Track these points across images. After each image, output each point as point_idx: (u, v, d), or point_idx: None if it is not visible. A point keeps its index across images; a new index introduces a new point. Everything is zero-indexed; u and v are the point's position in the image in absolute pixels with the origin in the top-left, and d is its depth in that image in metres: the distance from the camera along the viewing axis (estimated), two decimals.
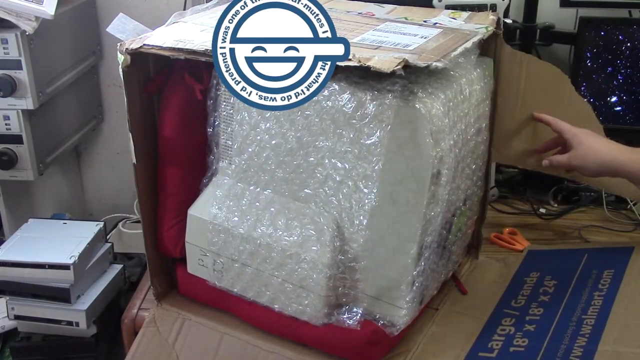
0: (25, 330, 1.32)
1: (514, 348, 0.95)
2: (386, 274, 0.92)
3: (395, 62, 0.78)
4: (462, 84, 0.93)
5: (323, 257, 0.92)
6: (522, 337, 0.96)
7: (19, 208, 1.52)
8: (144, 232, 1.06)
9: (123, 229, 1.68)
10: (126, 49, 0.91)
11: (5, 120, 1.35)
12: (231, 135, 0.98)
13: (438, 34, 0.96)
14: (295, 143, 0.92)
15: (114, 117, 1.76)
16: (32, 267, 1.24)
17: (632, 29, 1.40)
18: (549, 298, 1.04)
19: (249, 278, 1.00)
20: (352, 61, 0.80)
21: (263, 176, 0.97)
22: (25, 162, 1.38)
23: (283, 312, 0.99)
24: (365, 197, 0.89)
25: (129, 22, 1.05)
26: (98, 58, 1.68)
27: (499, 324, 1.01)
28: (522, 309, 1.03)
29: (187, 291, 1.10)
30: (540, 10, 1.50)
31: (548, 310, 1.01)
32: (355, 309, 0.96)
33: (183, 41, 0.89)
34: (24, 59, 1.30)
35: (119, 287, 1.40)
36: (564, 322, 0.97)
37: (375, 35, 0.94)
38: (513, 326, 1.00)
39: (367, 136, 0.87)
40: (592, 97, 1.44)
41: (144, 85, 1.02)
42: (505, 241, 1.28)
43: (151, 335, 1.04)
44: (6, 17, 1.25)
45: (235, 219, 0.99)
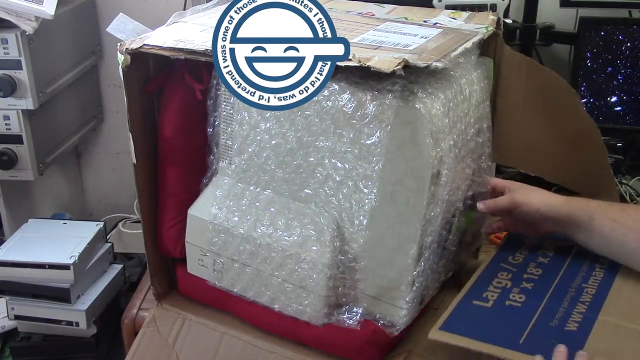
0: (25, 330, 1.32)
1: (509, 302, 0.93)
2: (386, 274, 0.92)
3: (395, 62, 0.78)
4: (462, 84, 0.93)
5: (323, 257, 0.92)
6: (519, 293, 0.95)
7: (19, 208, 1.52)
8: (144, 232, 1.06)
9: (123, 229, 1.68)
10: (126, 49, 0.91)
11: (5, 120, 1.35)
12: (231, 135, 0.98)
13: (438, 34, 0.96)
14: (295, 143, 0.92)
15: (114, 117, 1.76)
16: (32, 267, 1.24)
17: (632, 29, 1.40)
18: (548, 261, 1.02)
19: (249, 278, 1.00)
20: (352, 61, 0.80)
21: (263, 176, 0.97)
22: (25, 162, 1.39)
23: (283, 312, 0.99)
24: (365, 197, 0.89)
25: (129, 22, 1.05)
26: (98, 58, 1.68)
27: (494, 277, 0.99)
28: (520, 265, 1.02)
29: (187, 291, 1.10)
30: (540, 10, 1.50)
31: (547, 272, 0.99)
32: (355, 309, 0.96)
33: (183, 41, 0.89)
34: (24, 59, 1.30)
35: (119, 287, 1.40)
36: (563, 287, 0.95)
37: (375, 35, 0.94)
38: (510, 280, 0.98)
39: (367, 136, 0.87)
40: (592, 97, 1.45)
41: (144, 85, 1.02)
42: None
43: (151, 335, 1.04)
44: (6, 17, 1.25)
45: (235, 219, 0.99)
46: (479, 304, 0.94)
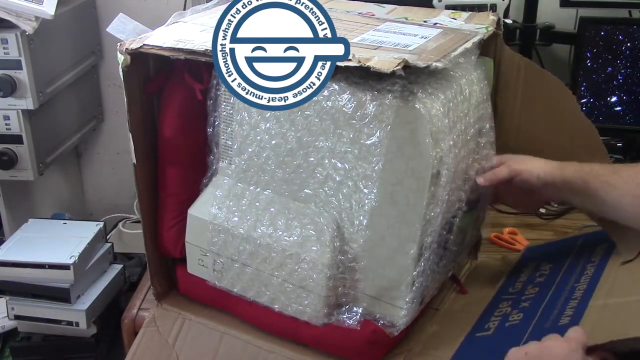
0: (25, 330, 1.33)
1: (509, 323, 0.94)
2: (386, 274, 0.92)
3: (395, 62, 0.78)
4: (462, 85, 0.93)
5: (323, 257, 0.92)
6: (518, 313, 0.95)
7: (19, 208, 1.52)
8: (144, 232, 1.06)
9: (123, 229, 1.68)
10: (126, 49, 0.91)
11: (5, 120, 1.35)
12: (231, 135, 0.98)
13: (438, 34, 0.96)
14: (295, 143, 0.92)
15: (114, 117, 1.76)
16: (32, 267, 1.24)
17: (632, 29, 1.40)
18: (544, 278, 1.03)
19: (249, 278, 1.00)
20: (352, 61, 0.80)
21: (263, 176, 0.97)
22: (25, 162, 1.39)
23: (283, 312, 0.99)
24: (365, 198, 0.89)
25: (129, 22, 1.05)
26: (98, 58, 1.68)
27: (496, 308, 1.00)
28: (518, 292, 1.03)
29: (187, 291, 1.10)
30: (540, 10, 1.50)
31: (543, 288, 1.00)
32: (355, 309, 0.96)
33: (183, 41, 0.89)
34: (24, 59, 1.30)
35: (119, 287, 1.40)
36: (557, 293, 0.96)
37: (375, 35, 0.94)
38: (509, 307, 0.99)
39: (367, 136, 0.87)
40: (592, 97, 1.45)
41: (144, 85, 1.02)
42: (506, 241, 1.28)
43: (151, 335, 1.04)
44: (6, 17, 1.25)
45: (235, 219, 0.99)
46: (481, 334, 0.95)
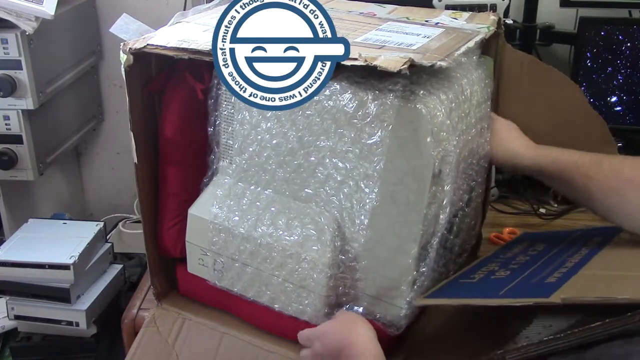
0: (25, 330, 1.32)
1: (494, 276, 0.93)
2: (387, 273, 0.92)
3: (401, 61, 0.78)
4: (463, 85, 0.93)
5: (323, 257, 0.92)
6: (505, 271, 0.94)
7: (19, 208, 1.52)
8: (144, 232, 1.06)
9: (123, 229, 1.68)
10: (129, 49, 0.91)
11: (5, 120, 1.35)
12: (232, 134, 0.98)
13: (440, 34, 0.96)
14: (296, 143, 0.92)
15: (114, 117, 1.76)
16: (32, 267, 1.24)
17: (632, 29, 1.40)
18: (536, 252, 1.03)
19: (249, 278, 1.00)
20: (359, 60, 0.80)
21: (264, 176, 0.97)
22: (25, 162, 1.38)
23: (283, 312, 0.99)
24: (366, 197, 0.89)
25: (132, 23, 1.05)
26: (98, 58, 1.68)
27: (484, 265, 1.00)
28: (509, 258, 1.02)
29: (187, 291, 1.10)
30: (540, 10, 1.50)
31: (534, 258, 0.99)
32: (356, 309, 0.96)
33: (187, 41, 0.89)
34: (24, 59, 1.30)
35: (119, 287, 1.40)
36: (548, 262, 0.95)
37: (378, 34, 0.94)
38: (497, 266, 0.98)
39: (369, 136, 0.87)
40: (592, 97, 1.45)
41: (145, 84, 1.02)
42: (505, 241, 1.28)
43: (151, 335, 1.04)
44: (6, 17, 1.25)
45: (236, 219, 0.99)
46: (464, 281, 0.94)
